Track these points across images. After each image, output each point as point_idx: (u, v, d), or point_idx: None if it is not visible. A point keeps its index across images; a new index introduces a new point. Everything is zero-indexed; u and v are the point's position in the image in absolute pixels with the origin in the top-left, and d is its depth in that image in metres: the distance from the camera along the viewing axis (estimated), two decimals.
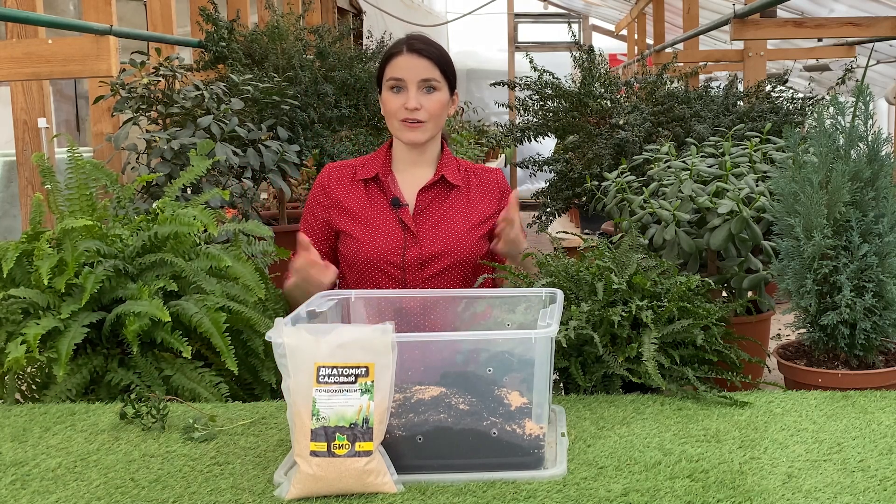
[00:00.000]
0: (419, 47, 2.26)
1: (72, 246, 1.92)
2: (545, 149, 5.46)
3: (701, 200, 2.40)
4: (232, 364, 1.90)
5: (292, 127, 4.31)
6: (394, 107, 2.25)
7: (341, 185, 2.34)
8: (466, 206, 2.32)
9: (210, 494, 1.39)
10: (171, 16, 4.58)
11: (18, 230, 4.30)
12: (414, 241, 2.26)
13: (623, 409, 1.72)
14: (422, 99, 2.24)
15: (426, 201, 2.31)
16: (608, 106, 4.27)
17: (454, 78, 2.32)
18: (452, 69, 2.31)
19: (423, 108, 2.24)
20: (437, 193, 2.32)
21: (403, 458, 1.42)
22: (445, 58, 2.29)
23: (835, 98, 1.98)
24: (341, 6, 8.46)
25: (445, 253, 2.26)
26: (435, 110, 2.26)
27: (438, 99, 2.26)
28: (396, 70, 2.25)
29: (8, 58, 3.16)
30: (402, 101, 2.24)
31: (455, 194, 2.33)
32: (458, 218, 2.31)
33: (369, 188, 2.33)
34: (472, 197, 2.34)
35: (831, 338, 1.94)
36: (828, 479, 1.39)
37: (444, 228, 2.28)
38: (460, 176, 2.35)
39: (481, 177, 2.39)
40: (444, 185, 2.33)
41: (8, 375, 1.96)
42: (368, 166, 2.34)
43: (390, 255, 2.25)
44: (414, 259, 2.25)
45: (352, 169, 2.36)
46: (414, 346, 1.47)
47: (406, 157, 2.34)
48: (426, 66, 2.25)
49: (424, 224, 2.29)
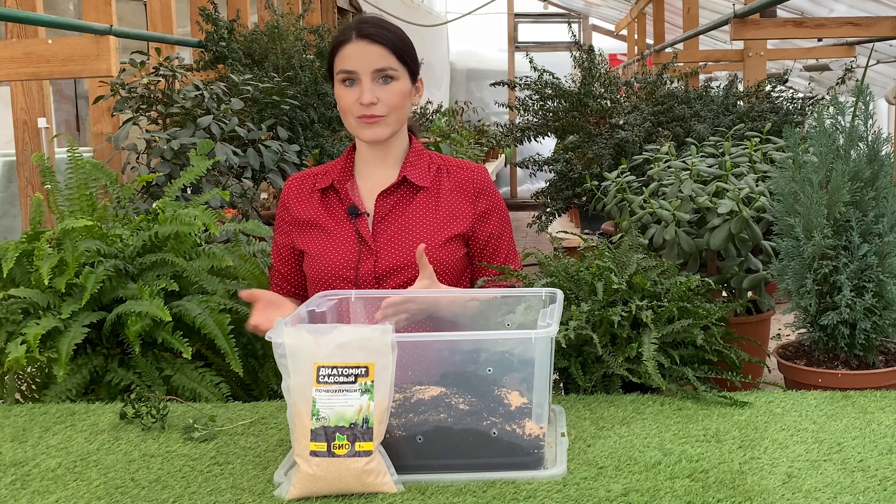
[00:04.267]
0: (369, 31, 1.96)
1: (72, 246, 1.92)
2: (545, 149, 5.47)
3: (701, 200, 2.40)
4: (237, 366, 1.90)
5: (292, 127, 4.31)
6: (347, 102, 1.96)
7: (300, 199, 2.08)
8: (434, 211, 2.02)
9: (210, 494, 1.39)
10: (171, 16, 4.58)
11: (18, 230, 4.30)
12: (369, 254, 1.98)
13: (623, 409, 1.72)
14: (378, 91, 1.95)
15: (387, 207, 2.02)
16: (608, 106, 4.28)
17: (415, 63, 2.02)
18: (412, 53, 2.01)
19: (380, 102, 1.95)
20: (399, 198, 2.03)
21: (403, 458, 1.42)
22: (402, 41, 1.99)
23: (835, 98, 1.98)
24: (341, 6, 8.46)
25: (404, 266, 1.97)
26: (394, 102, 1.96)
27: (398, 89, 1.97)
28: (346, 61, 1.95)
29: (8, 58, 3.16)
30: (355, 96, 1.95)
31: (422, 197, 2.03)
32: (423, 225, 2.01)
33: (328, 197, 2.06)
34: (443, 199, 2.03)
35: (831, 338, 1.94)
36: (828, 479, 1.39)
37: (404, 239, 1.99)
38: (430, 175, 2.05)
39: (455, 174, 2.06)
40: (408, 188, 2.03)
41: (8, 375, 1.96)
42: (328, 173, 2.08)
43: (343, 269, 1.98)
44: (367, 274, 1.97)
45: (312, 178, 2.10)
46: (414, 346, 1.47)
47: (369, 158, 2.05)
48: (380, 53, 1.95)
49: (384, 234, 2.00)
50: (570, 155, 4.40)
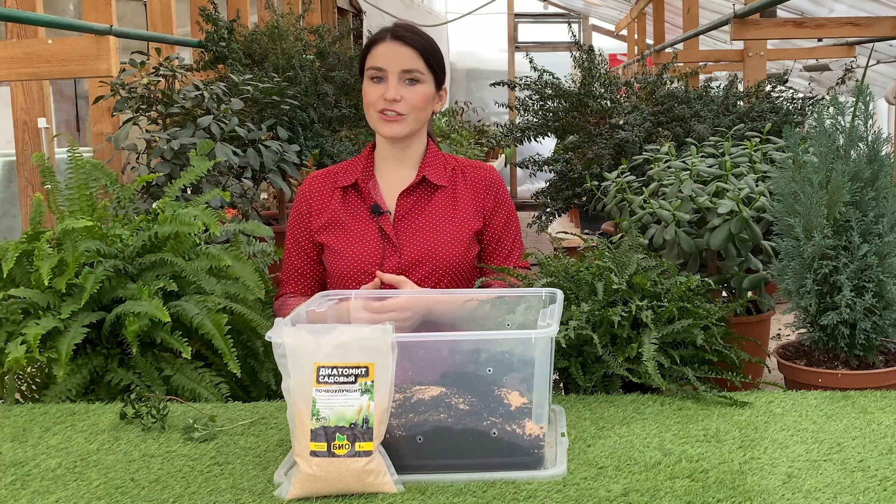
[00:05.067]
0: (403, 34, 2.10)
1: (72, 246, 1.92)
2: (545, 149, 5.47)
3: (701, 200, 2.40)
4: (234, 366, 1.90)
5: (292, 127, 4.31)
6: (373, 97, 2.08)
7: (322, 196, 2.18)
8: (452, 209, 2.16)
9: (210, 494, 1.39)
10: (171, 16, 4.58)
11: (18, 230, 4.30)
12: (393, 250, 2.10)
13: (623, 409, 1.72)
14: (402, 90, 2.07)
15: (407, 206, 2.15)
16: (608, 106, 4.27)
17: (442, 72, 2.15)
18: (440, 62, 2.14)
19: (403, 100, 2.07)
20: (419, 197, 2.16)
21: (403, 458, 1.42)
22: (432, 48, 2.12)
23: (835, 98, 1.98)
24: (341, 6, 8.46)
25: (426, 260, 2.10)
26: (416, 103, 2.08)
27: (421, 92, 2.09)
28: (377, 58, 2.08)
29: (8, 58, 3.16)
30: (381, 92, 2.07)
31: (440, 196, 2.16)
32: (443, 222, 2.14)
33: (349, 196, 2.17)
34: (459, 197, 2.17)
35: (831, 338, 1.94)
36: (828, 479, 1.39)
37: (425, 234, 2.12)
38: (446, 175, 2.18)
39: (469, 174, 2.20)
40: (426, 187, 2.16)
41: (8, 375, 1.96)
42: (349, 172, 2.19)
43: (368, 265, 2.09)
44: (392, 269, 2.08)
45: (333, 177, 2.20)
46: (414, 346, 1.47)
47: (388, 157, 2.17)
48: (410, 55, 2.08)
49: (405, 231, 2.13)
50: (570, 155, 4.40)
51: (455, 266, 2.12)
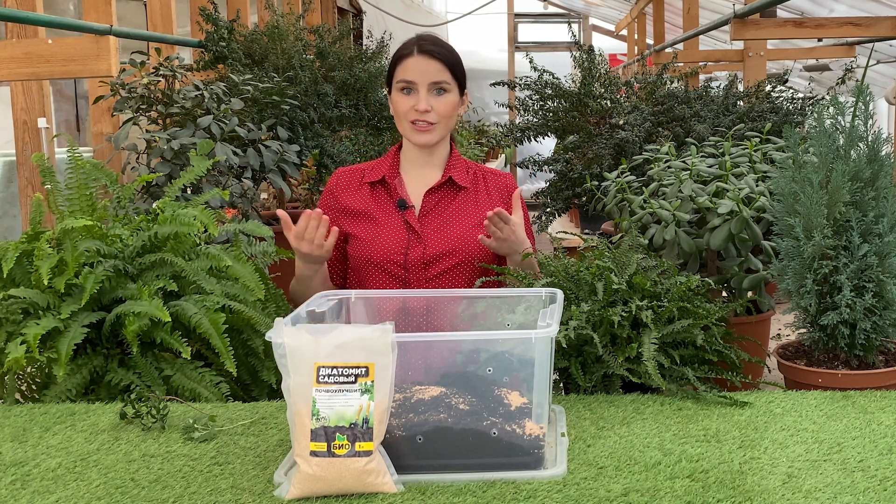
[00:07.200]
0: (429, 48, 2.26)
1: (72, 246, 1.92)
2: (545, 149, 5.46)
3: (701, 200, 2.40)
4: (231, 365, 1.90)
5: (292, 127, 4.31)
6: (404, 108, 2.25)
7: (349, 190, 2.34)
8: (474, 208, 2.31)
9: (210, 494, 1.39)
10: (171, 16, 4.58)
11: (18, 230, 4.30)
12: (418, 241, 2.25)
13: (623, 409, 1.72)
14: (432, 101, 2.24)
15: (432, 203, 2.31)
16: (608, 106, 4.27)
17: (464, 79, 2.32)
18: (462, 70, 2.31)
19: (433, 111, 2.24)
20: (444, 195, 2.32)
21: (403, 458, 1.42)
22: (456, 59, 2.29)
23: (835, 98, 1.98)
24: (341, 6, 8.46)
25: (450, 252, 2.25)
26: (445, 112, 2.26)
27: (449, 101, 2.26)
28: (407, 72, 2.24)
29: (8, 58, 3.16)
30: (412, 103, 2.24)
31: (463, 196, 2.32)
32: (466, 218, 2.29)
33: (376, 191, 2.33)
34: (481, 199, 2.33)
35: (831, 338, 1.94)
36: (828, 479, 1.39)
37: (449, 229, 2.27)
38: (469, 178, 2.35)
39: (492, 180, 2.37)
40: (451, 187, 2.32)
41: (8, 375, 1.96)
42: (376, 169, 2.35)
43: (393, 254, 2.24)
44: (417, 259, 2.23)
45: (360, 173, 2.37)
46: (414, 346, 1.47)
47: (415, 159, 2.33)
48: (437, 68, 2.24)
49: (430, 225, 2.28)
50: (570, 155, 4.39)
51: (477, 261, 2.25)
